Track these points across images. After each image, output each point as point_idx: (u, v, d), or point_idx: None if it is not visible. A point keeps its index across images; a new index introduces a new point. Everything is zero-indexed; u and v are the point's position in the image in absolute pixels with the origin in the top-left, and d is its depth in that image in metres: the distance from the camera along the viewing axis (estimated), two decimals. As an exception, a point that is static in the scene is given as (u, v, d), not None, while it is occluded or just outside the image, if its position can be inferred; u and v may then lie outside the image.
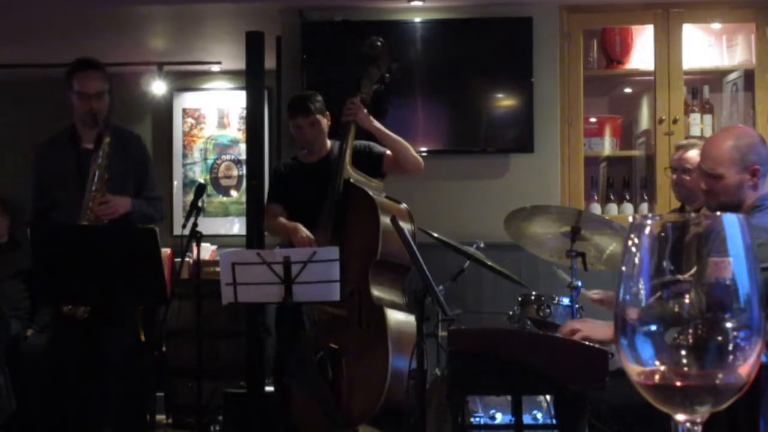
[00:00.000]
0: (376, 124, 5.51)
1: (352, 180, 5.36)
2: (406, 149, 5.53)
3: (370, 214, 5.21)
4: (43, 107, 8.49)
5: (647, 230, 1.06)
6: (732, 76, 6.73)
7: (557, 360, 3.62)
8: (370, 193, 5.28)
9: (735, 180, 3.77)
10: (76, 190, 5.14)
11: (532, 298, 4.94)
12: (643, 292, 1.04)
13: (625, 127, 6.97)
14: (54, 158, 5.39)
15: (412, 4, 6.50)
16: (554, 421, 4.59)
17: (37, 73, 8.36)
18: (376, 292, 5.20)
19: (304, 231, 5.34)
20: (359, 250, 5.21)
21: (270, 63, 6.67)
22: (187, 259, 6.79)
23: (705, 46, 6.78)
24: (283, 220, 5.53)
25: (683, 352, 1.03)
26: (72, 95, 5.29)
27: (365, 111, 5.47)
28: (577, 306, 4.78)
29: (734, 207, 3.75)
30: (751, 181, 3.78)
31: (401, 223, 4.49)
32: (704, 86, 6.62)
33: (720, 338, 1.03)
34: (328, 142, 5.64)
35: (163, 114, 8.68)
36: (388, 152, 5.55)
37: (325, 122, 5.58)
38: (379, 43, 5.58)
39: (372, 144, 5.59)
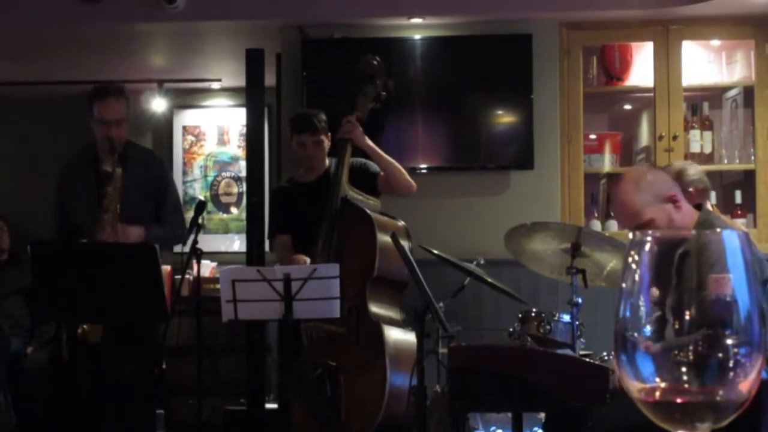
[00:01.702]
0: (370, 143, 5.51)
1: (349, 197, 5.36)
2: (398, 171, 5.52)
3: (368, 231, 5.21)
4: (43, 125, 8.52)
5: (647, 247, 1.06)
6: (731, 93, 6.74)
7: (558, 377, 3.61)
8: (367, 210, 5.29)
9: (663, 215, 3.80)
10: (96, 212, 5.13)
11: (533, 314, 4.94)
12: (643, 308, 1.04)
13: (625, 143, 6.97)
14: (75, 181, 5.36)
15: (412, 21, 6.51)
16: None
17: (37, 91, 8.38)
18: (374, 308, 5.20)
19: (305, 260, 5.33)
20: (357, 267, 5.21)
21: (270, 80, 6.68)
22: (187, 276, 6.78)
23: (704, 63, 6.79)
24: (295, 256, 5.49)
25: (684, 369, 1.03)
26: (91, 121, 5.27)
27: (360, 129, 5.48)
28: (577, 323, 4.78)
29: None
30: (675, 207, 3.81)
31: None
32: (704, 103, 6.63)
33: (720, 355, 1.03)
34: (326, 161, 5.64)
35: (163, 131, 8.69)
36: (382, 172, 5.55)
37: (327, 142, 5.58)
38: (375, 62, 5.60)
39: (368, 162, 5.59)
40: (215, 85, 8.54)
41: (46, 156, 8.27)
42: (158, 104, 8.50)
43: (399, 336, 5.11)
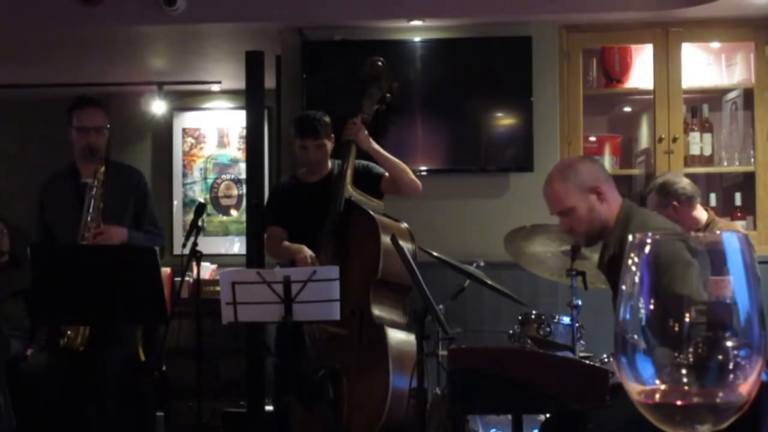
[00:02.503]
0: (375, 146, 5.51)
1: (353, 199, 5.36)
2: (403, 172, 5.52)
3: (372, 234, 5.20)
4: (43, 127, 8.50)
5: (647, 249, 1.06)
6: (731, 95, 6.74)
7: (558, 379, 3.61)
8: (371, 212, 5.28)
9: (585, 206, 3.84)
10: (76, 225, 5.17)
11: (533, 316, 4.94)
12: (643, 310, 1.04)
13: (625, 145, 6.98)
14: (55, 194, 5.46)
15: (412, 23, 6.51)
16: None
17: (37, 93, 8.38)
18: (377, 311, 5.19)
19: (308, 252, 5.31)
20: (360, 269, 5.20)
21: (270, 82, 6.68)
22: (187, 278, 6.78)
23: (704, 65, 6.79)
24: (287, 243, 5.48)
25: (683, 371, 1.03)
26: (71, 131, 5.39)
27: (365, 132, 5.47)
28: (577, 325, 4.78)
29: (600, 231, 3.83)
30: (599, 199, 3.84)
31: (401, 242, 4.49)
32: (703, 105, 6.63)
33: (720, 357, 1.03)
34: (329, 163, 5.64)
35: (163, 133, 8.69)
36: (387, 173, 5.55)
37: (330, 145, 5.57)
38: (380, 63, 5.59)
39: (371, 164, 5.59)
40: (215, 88, 8.54)
41: (46, 158, 8.27)
42: (158, 107, 8.50)
43: (402, 339, 5.11)
